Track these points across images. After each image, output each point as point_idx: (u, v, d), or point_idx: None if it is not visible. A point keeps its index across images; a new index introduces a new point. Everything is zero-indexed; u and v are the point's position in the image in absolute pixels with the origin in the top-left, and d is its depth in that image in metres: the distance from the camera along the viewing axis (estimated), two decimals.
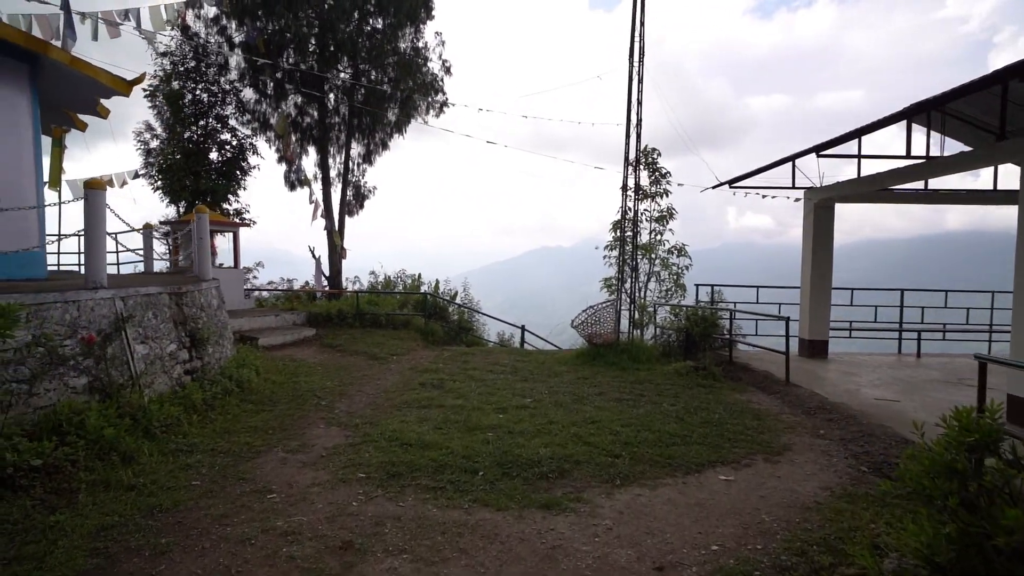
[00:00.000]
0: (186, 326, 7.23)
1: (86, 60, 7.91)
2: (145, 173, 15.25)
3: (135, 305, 6.23)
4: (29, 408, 4.82)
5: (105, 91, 8.48)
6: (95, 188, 5.72)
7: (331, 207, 17.39)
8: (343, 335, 12.41)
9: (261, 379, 8.28)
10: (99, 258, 5.83)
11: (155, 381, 6.30)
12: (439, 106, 18.34)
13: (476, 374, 9.22)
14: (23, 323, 4.90)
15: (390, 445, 5.60)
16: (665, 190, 14.74)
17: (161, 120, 15.38)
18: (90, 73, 7.92)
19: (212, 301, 8.44)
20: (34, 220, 7.85)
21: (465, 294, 16.25)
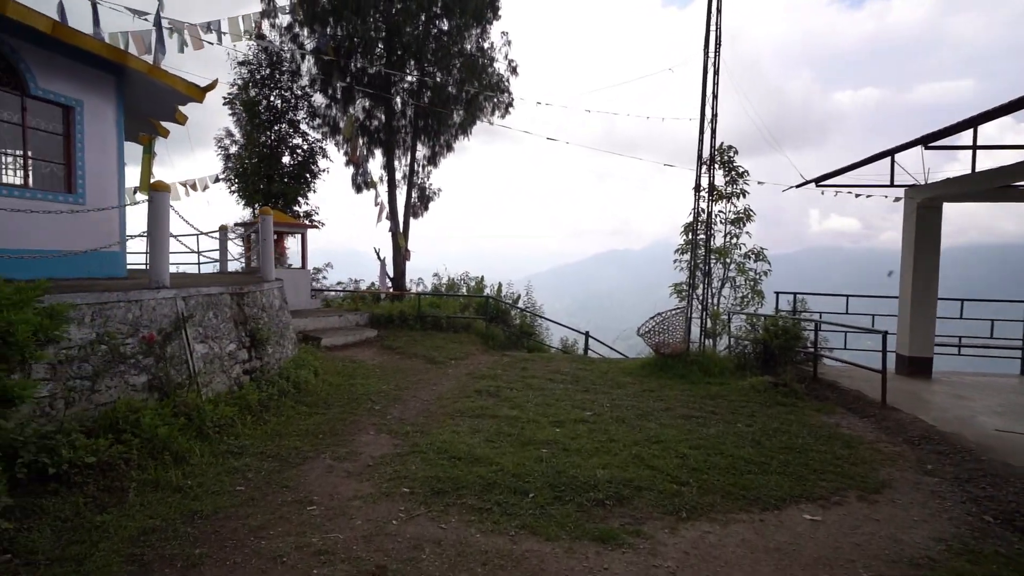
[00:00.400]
0: (246, 326, 7.34)
1: (163, 69, 8.25)
2: (224, 177, 16.04)
3: (196, 305, 6.35)
4: (91, 405, 4.94)
5: (182, 98, 8.84)
6: (159, 190, 5.85)
7: (396, 209, 17.64)
8: (403, 337, 12.42)
9: (319, 380, 8.32)
10: (162, 258, 5.96)
11: (213, 380, 6.39)
12: (504, 106, 18.19)
13: (535, 383, 8.87)
14: (87, 322, 5.05)
15: (438, 458, 5.34)
16: (742, 190, 13.82)
17: (239, 126, 16.15)
18: (167, 81, 8.26)
19: (274, 301, 8.58)
20: (116, 221, 8.26)
21: (528, 298, 15.95)
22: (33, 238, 7.05)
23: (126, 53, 7.58)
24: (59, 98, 7.50)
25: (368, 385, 8.46)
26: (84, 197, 7.80)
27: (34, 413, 4.52)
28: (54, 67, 7.35)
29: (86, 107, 7.84)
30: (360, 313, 13.73)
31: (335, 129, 17.18)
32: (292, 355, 8.82)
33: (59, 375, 4.74)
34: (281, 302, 9.03)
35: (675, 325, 10.18)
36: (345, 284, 19.82)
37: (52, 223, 7.19)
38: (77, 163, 7.76)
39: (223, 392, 6.49)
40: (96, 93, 7.97)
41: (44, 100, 7.35)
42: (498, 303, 14.80)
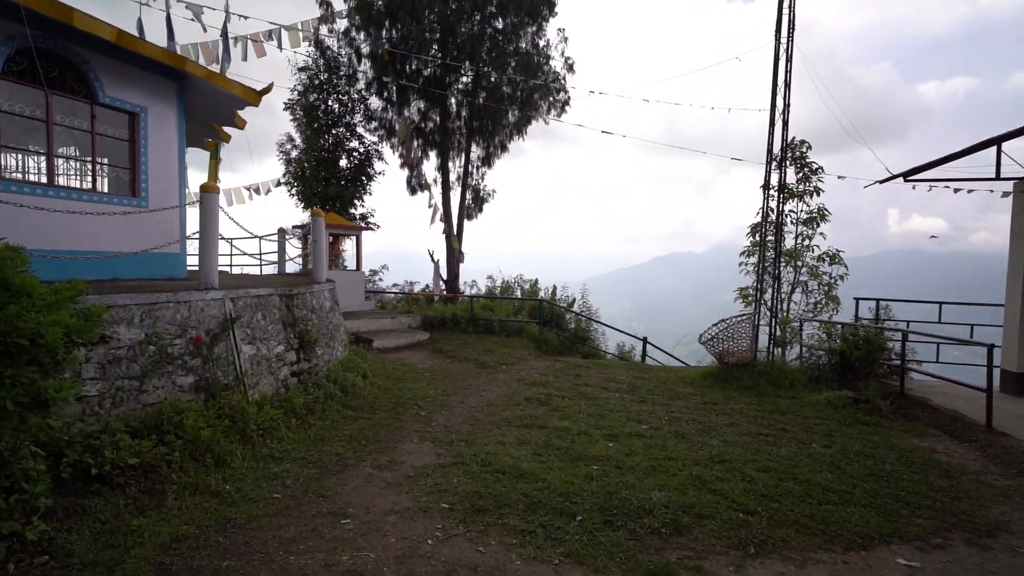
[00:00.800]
0: (295, 328, 7.35)
1: (221, 75, 8.44)
2: (285, 181, 16.53)
3: (244, 306, 6.37)
4: (139, 405, 4.98)
5: (239, 102, 9.04)
6: (208, 191, 5.89)
7: (450, 211, 17.62)
8: (455, 340, 12.29)
9: (367, 383, 8.26)
10: (211, 260, 6.01)
11: (260, 382, 6.39)
12: (561, 105, 17.84)
13: (588, 391, 8.46)
14: (137, 322, 5.11)
15: (482, 471, 5.06)
16: (815, 188, 12.82)
17: (300, 131, 16.61)
18: (225, 86, 8.45)
19: (324, 303, 8.60)
20: (176, 224, 8.53)
21: (583, 301, 15.50)
22: (101, 240, 7.33)
23: (185, 59, 7.79)
24: (125, 105, 7.79)
25: (416, 389, 8.32)
26: (147, 200, 8.07)
27: (83, 412, 4.59)
28: (120, 75, 7.64)
29: (150, 113, 8.12)
30: (413, 315, 13.73)
31: (391, 132, 17.38)
32: (342, 357, 8.81)
33: (108, 375, 4.80)
34: (332, 304, 9.05)
35: (741, 332, 9.49)
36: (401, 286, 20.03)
37: (117, 225, 7.46)
38: (141, 167, 8.04)
39: (270, 394, 6.48)
40: (159, 99, 8.24)
41: (111, 107, 7.65)
42: (552, 306, 14.44)
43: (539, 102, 17.62)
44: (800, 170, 12.90)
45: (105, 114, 7.62)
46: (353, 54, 16.25)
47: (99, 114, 7.53)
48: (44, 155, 6.97)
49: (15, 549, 3.40)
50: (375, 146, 16.81)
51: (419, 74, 16.47)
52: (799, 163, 12.82)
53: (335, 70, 15.80)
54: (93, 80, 7.37)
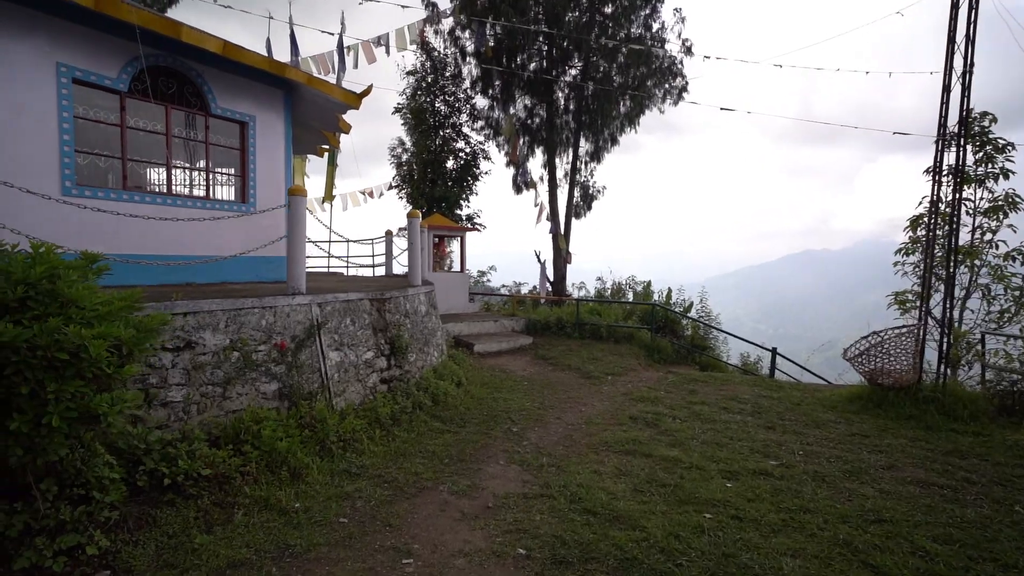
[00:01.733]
0: (386, 333, 7.17)
1: (321, 79, 8.57)
2: (396, 184, 16.97)
3: (332, 311, 6.26)
4: (221, 411, 4.96)
5: (340, 106, 9.16)
6: (295, 195, 5.82)
7: (556, 209, 17.03)
8: (559, 346, 11.68)
9: (461, 392, 7.93)
10: (298, 264, 5.94)
11: (347, 390, 6.25)
12: (677, 92, 16.53)
13: (704, 411, 7.43)
14: (222, 328, 5.10)
15: (570, 508, 4.41)
16: (1004, 170, 10.49)
17: (409, 134, 16.97)
18: (325, 90, 8.58)
19: (419, 307, 8.41)
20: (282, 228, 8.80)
21: (702, 306, 14.13)
22: (211, 245, 7.69)
23: (286, 65, 7.96)
24: (235, 115, 8.14)
25: (511, 401, 7.83)
26: (255, 206, 8.39)
27: (168, 418, 4.62)
28: (230, 87, 7.99)
29: (258, 121, 8.44)
30: (516, 319, 13.35)
31: (496, 130, 17.17)
32: (438, 363, 8.58)
33: (193, 380, 4.81)
34: (428, 307, 8.86)
35: (900, 348, 7.85)
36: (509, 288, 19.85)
37: (227, 231, 7.80)
38: (250, 174, 8.38)
39: (356, 402, 6.32)
40: (266, 108, 8.55)
41: (223, 118, 8.03)
42: (666, 311, 13.30)
43: (653, 90, 16.45)
44: (980, 149, 10.64)
45: (218, 124, 8.02)
46: (458, 53, 16.29)
47: (212, 125, 7.93)
48: (163, 166, 7.43)
49: (79, 561, 3.36)
50: (481, 145, 16.73)
51: (524, 68, 16.06)
52: (979, 140, 10.58)
53: (441, 71, 15.92)
54: (207, 93, 7.76)
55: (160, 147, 7.40)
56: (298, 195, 5.85)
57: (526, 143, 17.22)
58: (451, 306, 13.60)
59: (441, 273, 13.62)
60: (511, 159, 16.64)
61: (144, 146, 7.36)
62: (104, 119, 6.84)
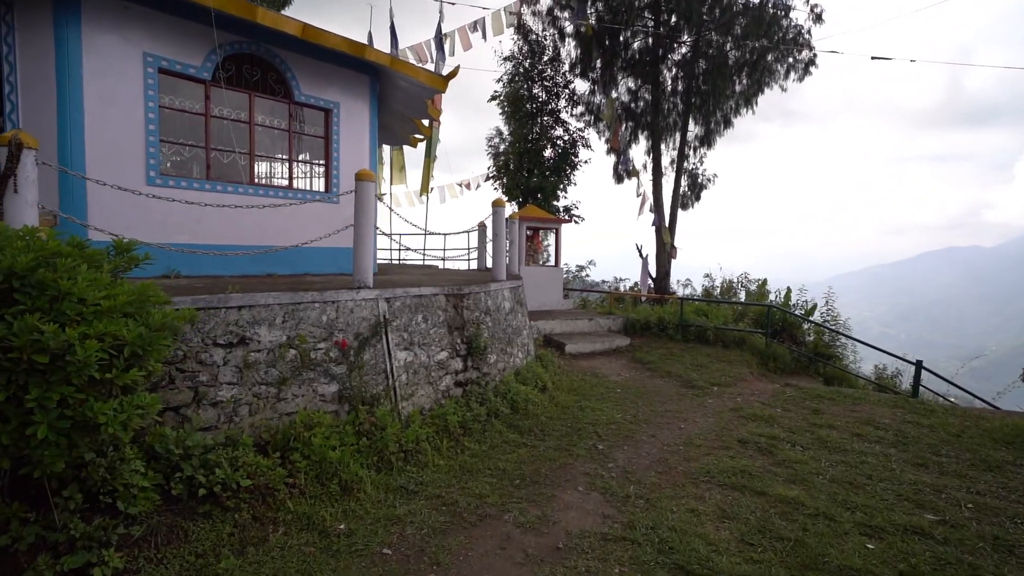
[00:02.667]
0: (463, 332, 6.61)
1: (405, 62, 8.18)
2: (492, 175, 16.55)
3: (402, 308, 5.79)
4: (275, 414, 4.63)
5: (427, 90, 8.75)
6: (363, 180, 5.39)
7: (661, 199, 15.67)
8: (659, 349, 10.58)
9: (545, 398, 7.21)
10: (366, 256, 5.52)
11: (416, 393, 5.75)
12: (803, 66, 14.52)
13: (831, 438, 6.11)
14: (279, 323, 4.76)
15: (657, 561, 3.54)
16: None
17: (507, 123, 16.46)
18: (409, 72, 8.19)
19: (503, 304, 7.79)
20: None
21: (828, 309, 12.23)
22: (292, 235, 7.57)
23: (367, 47, 7.63)
24: (319, 102, 7.98)
25: (600, 411, 6.98)
26: (338, 196, 8.21)
27: (218, 419, 4.34)
28: (314, 73, 7.82)
29: (342, 108, 8.24)
30: (614, 317, 12.36)
31: (597, 116, 16.15)
32: (523, 364, 7.93)
33: (245, 380, 4.51)
34: (514, 304, 8.22)
35: None
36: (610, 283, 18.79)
37: (308, 220, 7.65)
38: (334, 163, 8.20)
39: (426, 407, 5.81)
40: (351, 94, 8.32)
41: (307, 105, 7.90)
42: (784, 313, 11.65)
43: (774, 65, 14.58)
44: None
45: (301, 112, 7.90)
46: (556, 34, 15.46)
47: (296, 112, 7.82)
48: (245, 154, 7.40)
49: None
50: (580, 132, 15.80)
51: (628, 47, 14.90)
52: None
53: (539, 55, 15.21)
54: (290, 79, 7.65)
55: (244, 136, 7.38)
56: (365, 180, 5.42)
57: (629, 129, 16.02)
58: (543, 303, 12.90)
59: (534, 267, 12.95)
60: (612, 146, 15.54)
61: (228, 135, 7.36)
62: (189, 108, 6.89)
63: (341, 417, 4.98)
